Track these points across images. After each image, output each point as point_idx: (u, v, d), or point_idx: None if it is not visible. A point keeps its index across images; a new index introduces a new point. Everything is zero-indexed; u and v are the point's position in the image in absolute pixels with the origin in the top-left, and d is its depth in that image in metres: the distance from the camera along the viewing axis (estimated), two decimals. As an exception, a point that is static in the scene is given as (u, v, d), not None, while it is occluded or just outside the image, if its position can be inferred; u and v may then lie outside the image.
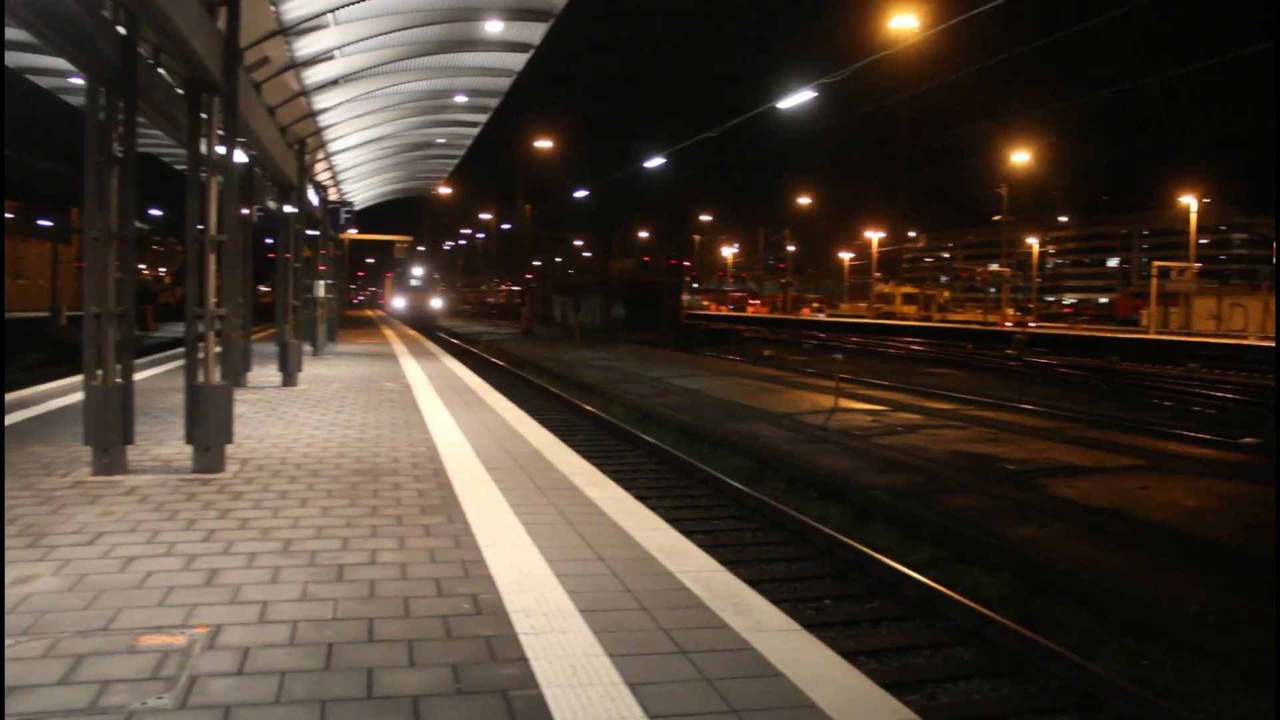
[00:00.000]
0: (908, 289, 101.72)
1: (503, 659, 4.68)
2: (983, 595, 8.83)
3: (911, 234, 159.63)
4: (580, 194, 64.33)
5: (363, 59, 17.50)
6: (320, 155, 25.33)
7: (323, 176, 29.19)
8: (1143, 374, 34.13)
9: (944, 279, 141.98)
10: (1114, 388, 28.67)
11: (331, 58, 16.78)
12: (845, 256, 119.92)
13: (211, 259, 9.39)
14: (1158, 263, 64.88)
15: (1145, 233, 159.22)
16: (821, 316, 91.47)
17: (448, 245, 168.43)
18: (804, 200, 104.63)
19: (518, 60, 19.81)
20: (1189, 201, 72.15)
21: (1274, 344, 34.53)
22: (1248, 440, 17.20)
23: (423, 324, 65.57)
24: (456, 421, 13.38)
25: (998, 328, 58.96)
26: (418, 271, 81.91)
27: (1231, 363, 38.13)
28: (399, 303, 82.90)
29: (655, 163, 37.86)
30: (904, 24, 22.56)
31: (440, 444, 11.33)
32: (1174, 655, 7.40)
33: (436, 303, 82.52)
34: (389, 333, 42.54)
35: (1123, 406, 23.35)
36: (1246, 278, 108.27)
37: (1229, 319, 55.70)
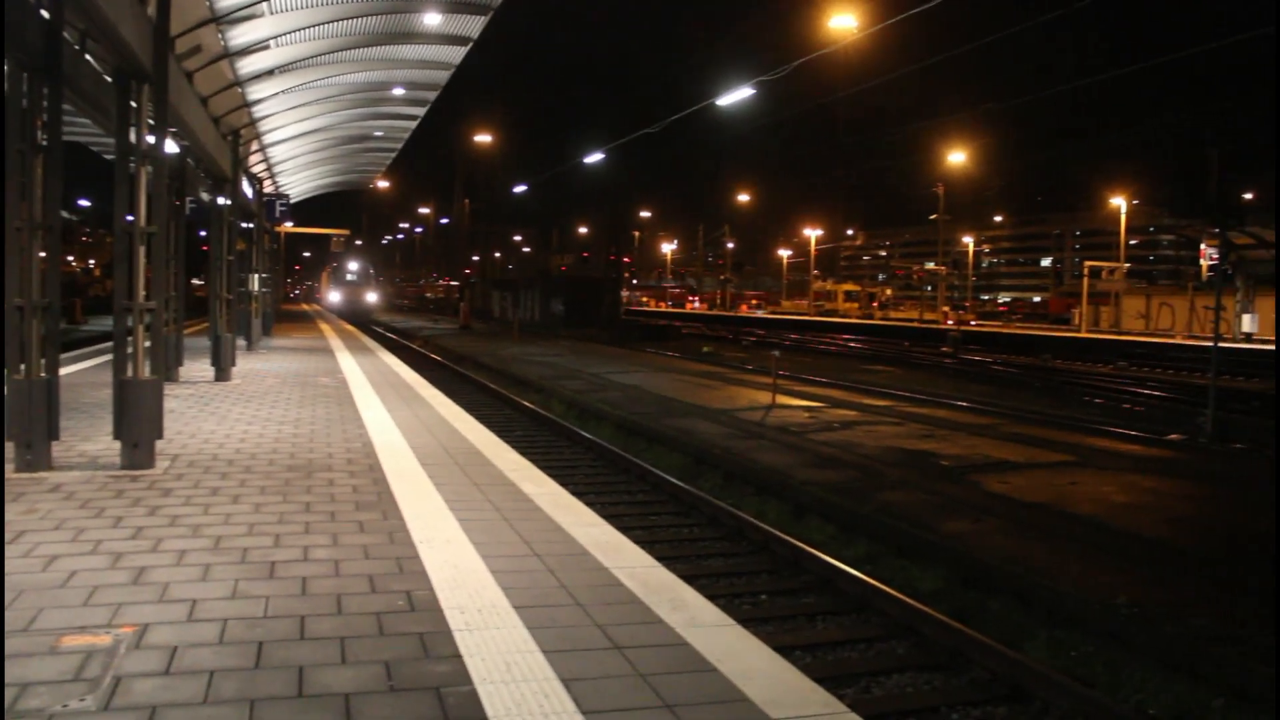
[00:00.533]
0: (849, 286, 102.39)
1: (436, 656, 4.65)
2: (917, 589, 8.92)
3: (850, 232, 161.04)
4: (520, 189, 64.06)
5: (299, 49, 17.28)
6: (255, 147, 24.97)
7: (258, 168, 28.78)
8: (1074, 372, 34.73)
9: (881, 277, 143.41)
10: (1046, 385, 29.12)
11: (267, 47, 16.54)
12: (784, 254, 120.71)
13: (141, 251, 9.23)
14: (1089, 263, 66.10)
15: (1077, 233, 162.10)
16: (760, 313, 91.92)
17: (386, 239, 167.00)
18: (743, 197, 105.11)
19: (456, 53, 19.68)
20: (1119, 203, 73.59)
21: (1273, 345, 35.26)
22: (1174, 437, 17.56)
23: (359, 318, 65.10)
24: (393, 417, 13.27)
25: (939, 326, 59.67)
26: (353, 266, 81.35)
27: (1159, 361, 38.94)
28: (335, 297, 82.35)
29: (595, 158, 37.82)
30: (843, 23, 22.73)
31: (376, 440, 11.23)
32: (1101, 646, 7.53)
33: (372, 297, 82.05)
34: (326, 327, 42.08)
35: (1055, 404, 23.74)
36: (1174, 278, 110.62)
37: (1157, 318, 56.90)
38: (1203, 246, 52.14)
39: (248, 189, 25.70)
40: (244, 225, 27.12)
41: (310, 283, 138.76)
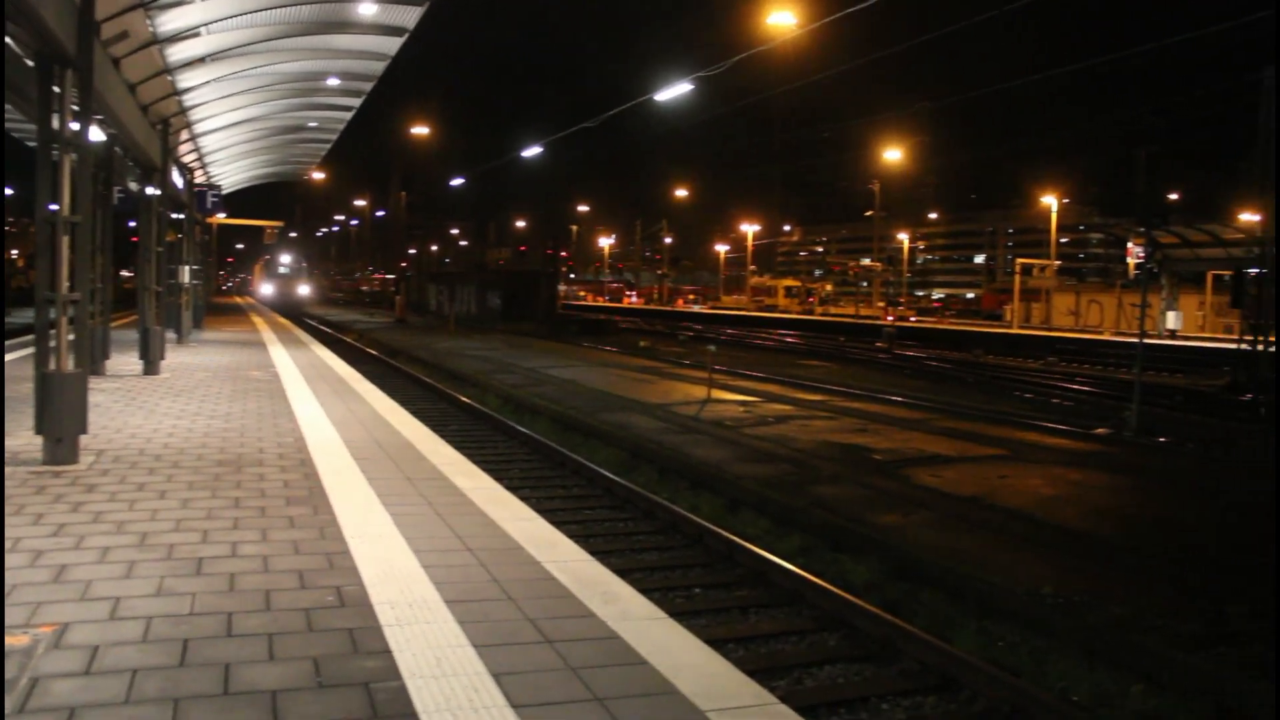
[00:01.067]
0: (790, 282, 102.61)
1: (365, 651, 4.61)
2: (849, 582, 9.02)
3: (787, 228, 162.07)
4: (456, 182, 63.65)
5: (231, 37, 16.98)
6: (186, 136, 24.50)
7: (189, 158, 28.24)
8: (1006, 367, 35.28)
9: (818, 273, 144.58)
10: (978, 380, 29.55)
11: (197, 34, 16.22)
12: (721, 249, 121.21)
13: (65, 241, 9.02)
14: (1021, 260, 67.19)
15: (1010, 230, 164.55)
16: (695, 308, 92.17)
17: (321, 232, 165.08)
18: (681, 193, 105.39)
19: (392, 44, 19.46)
20: (1050, 202, 74.88)
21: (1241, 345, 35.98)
22: (1100, 431, 17.92)
23: (292, 311, 64.37)
24: (326, 411, 13.13)
25: (879, 321, 60.24)
26: (286, 259, 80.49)
27: (1088, 357, 39.71)
28: (267, 289, 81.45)
29: (532, 152, 37.68)
30: (781, 20, 22.86)
31: (308, 434, 11.11)
32: (1027, 636, 7.67)
33: (305, 290, 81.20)
34: (258, 320, 41.50)
35: (986, 399, 24.09)
36: (1103, 276, 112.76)
37: (1086, 315, 58.03)
38: (1130, 245, 53.27)
39: (178, 179, 25.23)
40: (174, 216, 26.66)
41: (243, 275, 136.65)
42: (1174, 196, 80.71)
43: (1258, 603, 7.74)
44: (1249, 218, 35.85)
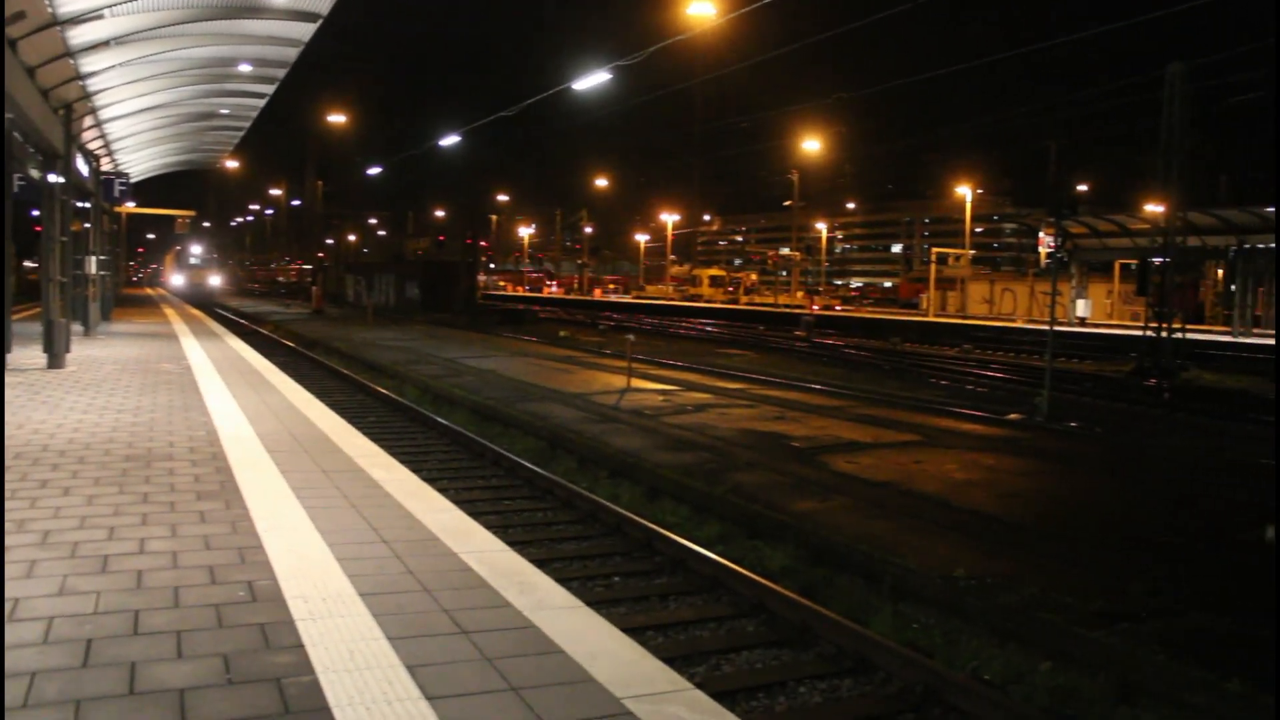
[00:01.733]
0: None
1: (277, 646, 4.54)
2: (767, 568, 9.11)
3: (706, 217, 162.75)
4: (374, 171, 62.81)
5: (136, 20, 16.55)
6: (91, 122, 23.86)
7: (95, 145, 27.51)
8: (922, 354, 35.87)
9: (738, 262, 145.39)
10: (895, 368, 29.99)
11: (100, 17, 15.79)
12: (642, 238, 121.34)
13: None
14: (936, 249, 68.36)
15: (926, 220, 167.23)
16: (614, 297, 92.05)
17: (236, 221, 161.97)
18: (601, 182, 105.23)
19: (305, 30, 19.14)
20: (965, 193, 76.25)
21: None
22: (1013, 416, 18.30)
23: (204, 302, 63.23)
24: (239, 404, 12.90)
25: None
26: (196, 249, 79.10)
27: (1001, 344, 40.53)
28: (178, 280, 80.00)
29: (450, 141, 37.28)
30: (702, 10, 22.93)
31: (221, 427, 10.91)
32: (941, 618, 7.82)
33: (215, 280, 79.82)
34: (170, 312, 40.61)
35: (903, 386, 24.46)
36: (1016, 265, 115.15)
37: (1000, 303, 59.23)
38: (1041, 235, 54.47)
39: (83, 166, 24.54)
40: (80, 205, 25.92)
41: (155, 266, 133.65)
42: (1083, 188, 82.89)
43: (1157, 580, 7.98)
44: (1153, 208, 36.85)
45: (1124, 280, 51.63)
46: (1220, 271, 50.50)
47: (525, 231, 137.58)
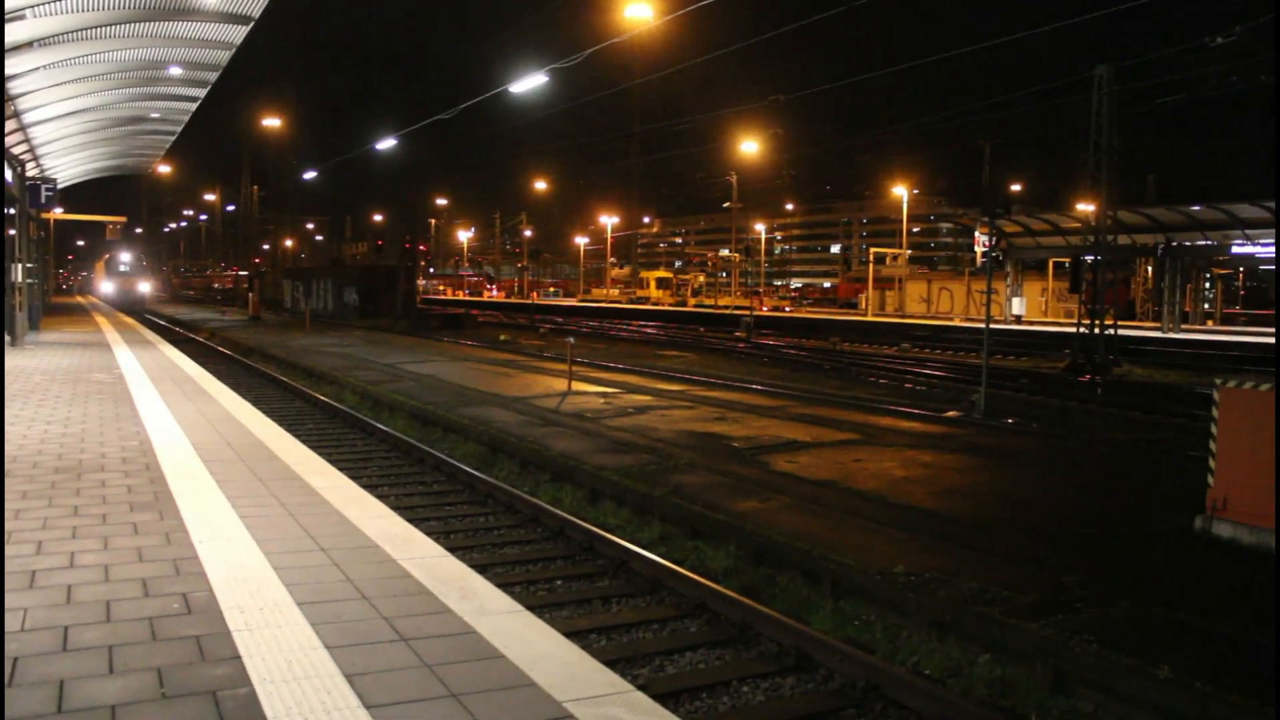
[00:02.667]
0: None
1: (213, 659, 4.48)
2: (709, 568, 9.15)
3: (646, 219, 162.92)
4: (310, 175, 62.07)
5: (61, 21, 16.22)
6: (15, 126, 23.34)
7: (19, 149, 26.91)
8: (861, 354, 36.22)
9: (678, 264, 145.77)
10: (835, 367, 30.23)
11: (22, 17, 15.45)
12: (581, 241, 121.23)
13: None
14: (874, 249, 69.03)
15: (864, 221, 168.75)
16: (557, 300, 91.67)
17: (169, 227, 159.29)
18: (541, 185, 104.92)
19: (237, 33, 18.90)
20: (901, 193, 77.08)
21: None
22: (950, 413, 18.53)
23: (136, 309, 62.20)
24: (173, 413, 12.70)
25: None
26: (125, 257, 77.87)
27: (939, 342, 41.05)
28: (108, 288, 78.74)
29: (387, 144, 36.98)
30: (638, 13, 22.97)
31: (155, 437, 10.73)
32: (881, 614, 7.90)
33: (145, 287, 78.55)
34: (102, 320, 39.85)
35: (842, 385, 24.66)
36: (953, 264, 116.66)
37: (937, 302, 60.00)
38: (977, 234, 55.24)
39: (7, 172, 24.00)
40: (5, 211, 25.33)
41: (85, 273, 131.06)
42: (1017, 187, 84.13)
43: (1090, 572, 8.12)
44: (1085, 207, 37.52)
45: (1058, 278, 52.55)
46: (1150, 269, 51.59)
47: (465, 235, 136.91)
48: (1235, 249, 40.26)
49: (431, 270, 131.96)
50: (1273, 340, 35.05)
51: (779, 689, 6.82)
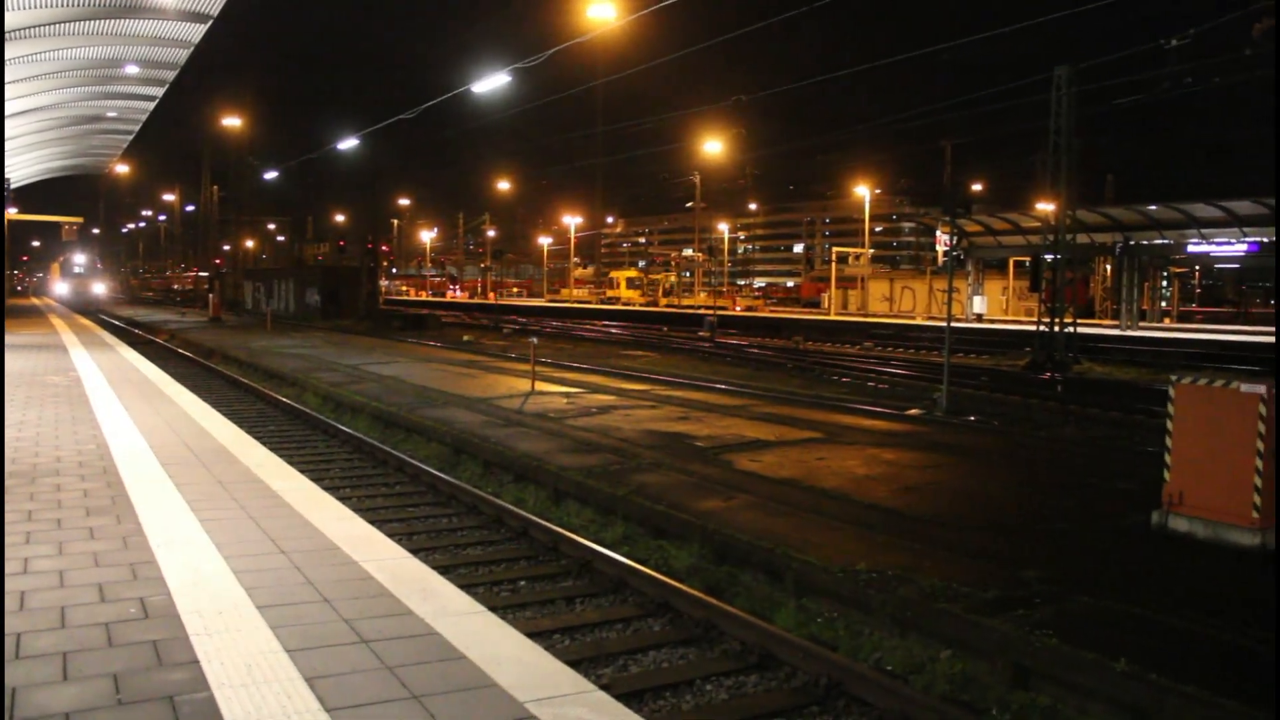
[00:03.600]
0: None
1: (171, 663, 4.44)
2: (673, 567, 9.16)
3: (610, 219, 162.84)
4: (271, 175, 61.60)
5: (12, 18, 15.97)
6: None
7: (-28, 150, 26.52)
8: (824, 353, 36.37)
9: (642, 264, 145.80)
10: (798, 366, 30.35)
11: (-26, 18, 15.23)
12: (545, 241, 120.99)
13: None
14: (837, 249, 69.36)
15: (827, 220, 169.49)
16: (518, 301, 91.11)
17: (128, 228, 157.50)
18: (504, 185, 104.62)
19: (196, 31, 18.72)
20: (863, 193, 77.49)
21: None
22: (913, 411, 18.65)
23: (90, 311, 61.53)
24: (132, 416, 12.56)
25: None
26: (80, 258, 77.28)
27: (901, 341, 41.32)
28: (61, 289, 77.96)
29: (349, 144, 36.75)
30: (602, 12, 22.95)
31: (112, 441, 10.61)
32: (844, 611, 7.94)
33: (98, 288, 77.78)
34: (58, 322, 39.32)
35: (805, 384, 24.77)
36: (915, 263, 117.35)
37: (900, 301, 60.37)
38: (938, 233, 55.64)
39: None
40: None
41: (40, 275, 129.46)
42: (978, 187, 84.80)
43: (1049, 567, 8.21)
44: (1045, 207, 37.90)
45: (1018, 277, 53.03)
46: (1109, 267, 52.16)
47: (428, 236, 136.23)
48: (1191, 248, 40.80)
49: (394, 271, 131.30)
50: (1226, 338, 35.55)
51: (742, 687, 6.84)
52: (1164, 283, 54.97)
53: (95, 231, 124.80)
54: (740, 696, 6.70)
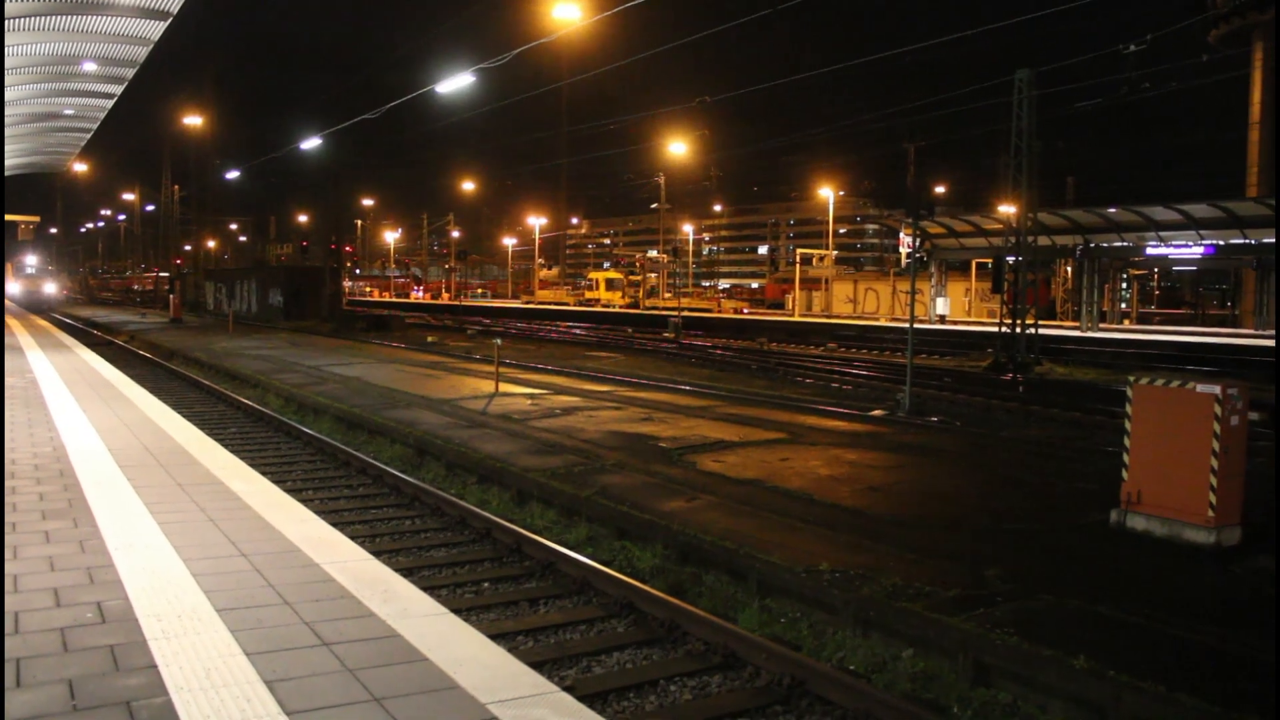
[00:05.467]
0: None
1: (128, 668, 4.39)
2: (636, 568, 9.17)
3: (574, 220, 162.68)
4: (233, 174, 61.06)
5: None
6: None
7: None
8: (788, 354, 36.47)
9: (607, 264, 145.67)
10: (762, 367, 30.41)
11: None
12: (509, 242, 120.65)
13: None
14: (801, 250, 69.61)
15: (791, 222, 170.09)
16: (482, 302, 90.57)
17: (86, 227, 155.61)
18: (468, 186, 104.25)
19: (155, 28, 18.53)
20: (827, 194, 77.84)
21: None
22: (876, 412, 18.75)
23: (43, 311, 60.83)
24: (90, 419, 12.41)
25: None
26: (31, 259, 76.50)
27: (865, 342, 41.52)
28: (13, 289, 77.09)
29: (312, 144, 36.51)
30: (566, 13, 22.91)
31: (69, 443, 10.47)
32: (807, 610, 7.98)
33: (50, 288, 76.91)
34: (14, 323, 38.79)
35: (769, 385, 24.85)
36: (878, 264, 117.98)
37: (863, 302, 60.67)
38: (901, 235, 55.99)
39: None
40: None
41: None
42: (941, 189, 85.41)
43: (1010, 566, 8.28)
44: (1007, 209, 38.23)
45: (981, 278, 53.40)
46: (1069, 269, 52.70)
47: (391, 236, 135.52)
48: (1150, 250, 41.31)
49: (358, 271, 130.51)
50: (1184, 340, 36.00)
51: (706, 687, 6.85)
52: (1124, 285, 55.65)
53: (53, 231, 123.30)
54: (704, 697, 6.71)
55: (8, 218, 47.90)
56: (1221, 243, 38.84)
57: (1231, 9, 46.28)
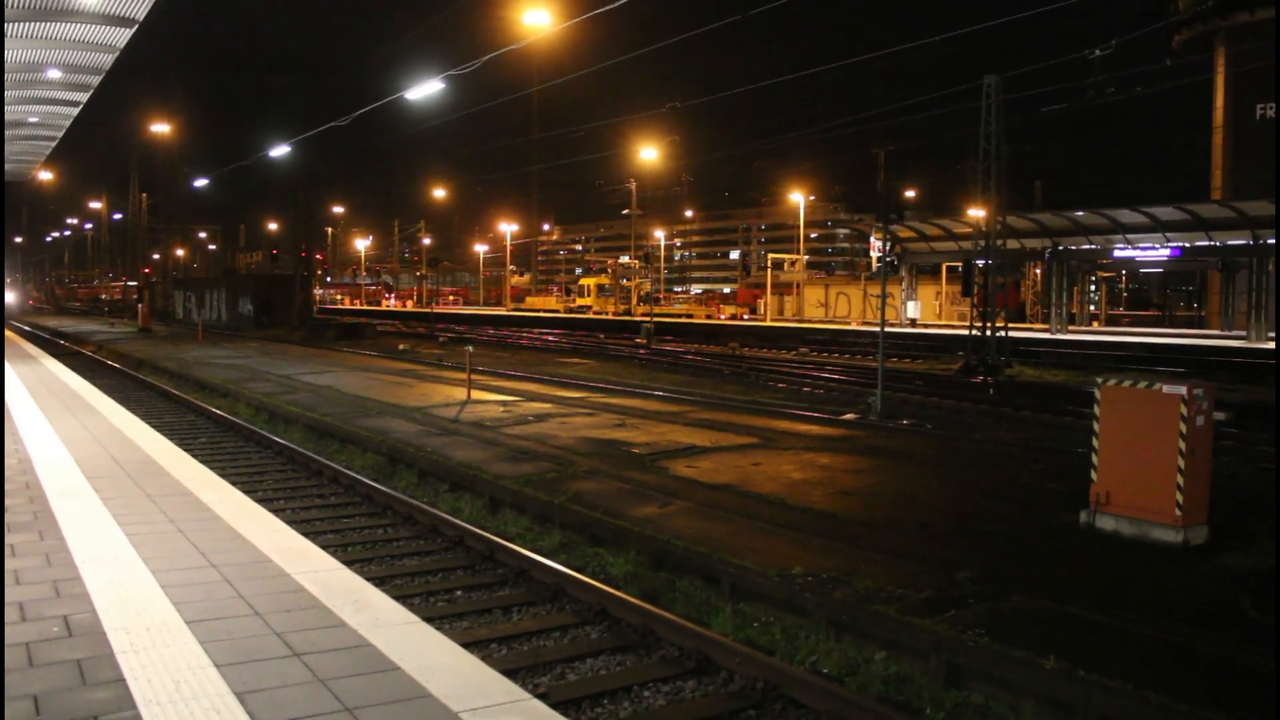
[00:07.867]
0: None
1: (95, 682, 4.35)
2: (610, 575, 9.16)
3: (546, 226, 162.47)
4: (201, 182, 60.61)
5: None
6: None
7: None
8: (760, 358, 36.56)
9: (579, 270, 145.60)
10: (734, 372, 30.48)
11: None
12: (481, 249, 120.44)
13: None
14: (772, 255, 69.79)
15: (763, 227, 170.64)
16: (456, 309, 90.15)
17: (52, 236, 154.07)
18: (439, 193, 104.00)
19: (121, 35, 18.38)
20: (798, 199, 78.11)
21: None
22: (848, 416, 18.83)
23: (7, 321, 60.20)
24: (56, 430, 12.29)
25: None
26: None
27: (837, 346, 41.67)
28: None
29: (281, 151, 36.32)
30: (537, 19, 22.91)
31: (35, 455, 10.37)
32: (780, 615, 7.99)
33: (10, 297, 76.05)
34: (-21, 334, 38.36)
35: (742, 389, 24.90)
36: (849, 269, 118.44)
37: (835, 306, 60.86)
38: (872, 239, 56.24)
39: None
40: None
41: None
42: (911, 193, 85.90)
43: (981, 568, 8.33)
44: (976, 213, 38.50)
45: (951, 282, 53.72)
46: (1039, 272, 53.11)
47: (362, 244, 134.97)
48: (1117, 253, 41.69)
49: (329, 279, 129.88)
50: (1152, 341, 36.34)
51: (680, 692, 6.86)
52: (1092, 287, 56.17)
53: (18, 240, 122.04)
54: (678, 702, 6.72)
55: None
56: (1187, 245, 39.25)
57: (1194, 14, 46.80)
